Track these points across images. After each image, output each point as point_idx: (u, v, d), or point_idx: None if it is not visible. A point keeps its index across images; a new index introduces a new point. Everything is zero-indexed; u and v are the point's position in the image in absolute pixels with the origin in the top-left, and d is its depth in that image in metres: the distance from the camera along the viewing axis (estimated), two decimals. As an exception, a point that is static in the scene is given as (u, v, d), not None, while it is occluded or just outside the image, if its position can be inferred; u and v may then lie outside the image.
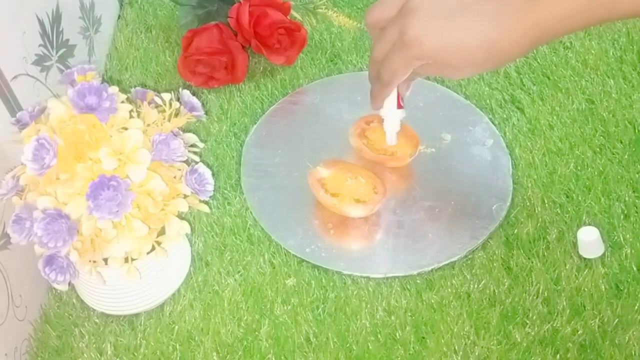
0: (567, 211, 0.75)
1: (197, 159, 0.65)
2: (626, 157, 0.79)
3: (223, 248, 0.74)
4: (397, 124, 0.73)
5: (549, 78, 0.88)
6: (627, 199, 0.75)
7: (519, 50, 0.53)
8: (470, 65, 0.56)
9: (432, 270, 0.71)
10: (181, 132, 0.65)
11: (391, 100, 0.70)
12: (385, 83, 0.62)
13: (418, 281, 0.70)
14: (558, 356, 0.65)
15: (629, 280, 0.69)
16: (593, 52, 0.90)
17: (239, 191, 0.78)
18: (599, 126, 0.82)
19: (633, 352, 0.64)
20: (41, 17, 0.73)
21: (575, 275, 0.70)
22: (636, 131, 0.81)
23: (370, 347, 0.66)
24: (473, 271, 0.71)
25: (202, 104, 0.67)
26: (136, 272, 0.62)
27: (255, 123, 0.84)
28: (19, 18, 0.69)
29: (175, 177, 0.63)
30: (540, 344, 0.65)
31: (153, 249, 0.62)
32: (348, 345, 0.66)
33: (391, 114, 0.72)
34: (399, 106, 0.71)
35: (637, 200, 0.75)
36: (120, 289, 0.66)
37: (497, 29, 0.53)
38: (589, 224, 0.73)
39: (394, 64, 0.59)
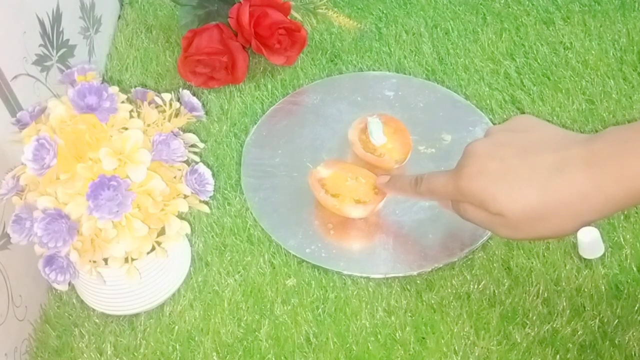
0: (567, 212, 0.75)
1: (197, 159, 0.65)
2: (626, 157, 0.79)
3: (223, 248, 0.74)
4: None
5: (549, 78, 0.88)
6: (627, 199, 0.75)
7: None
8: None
9: (432, 271, 0.71)
10: (181, 132, 0.65)
11: None
12: (419, 193, 0.64)
13: (418, 281, 0.70)
14: (558, 357, 0.65)
15: (629, 280, 0.69)
16: (593, 52, 0.90)
17: (239, 191, 0.78)
18: (599, 127, 0.82)
19: (633, 353, 0.64)
20: (41, 17, 0.73)
21: (575, 275, 0.70)
22: (636, 132, 0.81)
23: (370, 348, 0.66)
24: (473, 271, 0.71)
25: (202, 104, 0.67)
26: (136, 272, 0.62)
27: (256, 123, 0.84)
28: (19, 18, 0.69)
29: (175, 177, 0.63)
30: (540, 344, 0.65)
31: (153, 249, 0.62)
32: (348, 345, 0.66)
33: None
34: None
35: (637, 201, 0.75)
36: (120, 289, 0.66)
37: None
38: (589, 225, 0.73)
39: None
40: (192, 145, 0.65)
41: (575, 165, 0.50)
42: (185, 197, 0.62)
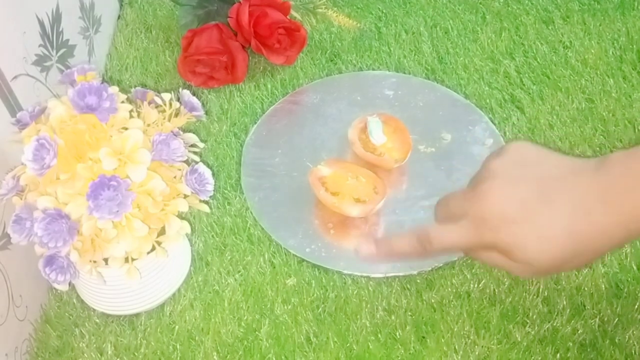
0: (567, 210, 0.75)
1: (197, 158, 0.65)
2: (626, 156, 0.79)
3: (223, 248, 0.74)
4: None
5: (548, 77, 0.88)
6: (627, 198, 0.75)
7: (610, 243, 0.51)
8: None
9: (432, 270, 0.71)
10: (181, 132, 0.65)
11: None
12: (430, 253, 0.55)
13: (418, 281, 0.70)
14: (558, 355, 0.65)
15: (629, 279, 0.69)
16: (593, 51, 0.90)
17: (239, 191, 0.78)
18: (599, 125, 0.82)
19: (633, 351, 0.64)
20: (41, 17, 0.73)
21: (576, 274, 0.70)
22: (636, 130, 0.81)
23: (370, 347, 0.66)
24: (473, 271, 0.71)
25: (202, 104, 0.67)
26: (136, 272, 0.62)
27: (255, 123, 0.84)
28: (19, 18, 0.69)
29: (175, 177, 0.63)
30: (540, 343, 0.65)
31: (153, 249, 0.62)
32: (348, 344, 0.66)
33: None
34: None
35: (637, 200, 0.75)
36: (120, 289, 0.66)
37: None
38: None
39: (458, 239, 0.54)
40: (192, 145, 0.65)
41: (593, 203, 0.49)
42: (185, 196, 0.62)
